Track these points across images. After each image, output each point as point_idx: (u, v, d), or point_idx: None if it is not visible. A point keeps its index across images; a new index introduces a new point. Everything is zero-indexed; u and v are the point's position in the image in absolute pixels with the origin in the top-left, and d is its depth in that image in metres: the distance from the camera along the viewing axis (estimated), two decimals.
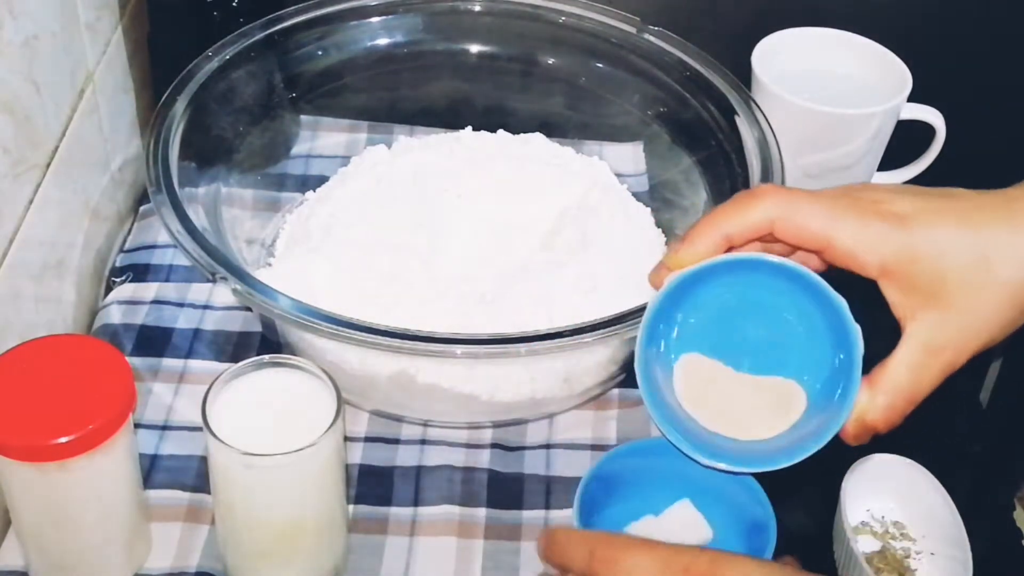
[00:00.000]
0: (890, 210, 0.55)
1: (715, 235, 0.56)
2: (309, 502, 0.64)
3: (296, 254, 0.80)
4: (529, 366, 0.73)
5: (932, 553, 0.70)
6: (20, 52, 0.72)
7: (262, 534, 0.64)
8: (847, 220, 0.55)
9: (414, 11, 0.91)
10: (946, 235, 0.54)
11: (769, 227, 0.56)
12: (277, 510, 0.63)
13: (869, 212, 0.55)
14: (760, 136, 0.79)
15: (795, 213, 0.55)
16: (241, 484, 0.62)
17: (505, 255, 0.80)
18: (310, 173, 0.91)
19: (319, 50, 0.89)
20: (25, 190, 0.74)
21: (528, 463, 0.75)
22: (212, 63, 0.82)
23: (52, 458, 0.59)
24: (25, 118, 0.73)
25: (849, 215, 0.55)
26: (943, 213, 0.55)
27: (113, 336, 0.80)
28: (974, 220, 0.54)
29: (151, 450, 0.74)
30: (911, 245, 0.54)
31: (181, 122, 0.78)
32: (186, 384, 0.78)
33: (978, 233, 0.54)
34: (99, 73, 0.85)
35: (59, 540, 0.64)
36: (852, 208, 0.55)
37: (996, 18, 0.99)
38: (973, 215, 0.54)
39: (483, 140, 0.89)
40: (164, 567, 0.69)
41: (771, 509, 0.64)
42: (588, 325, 0.67)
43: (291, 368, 0.64)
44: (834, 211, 0.55)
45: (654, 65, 0.88)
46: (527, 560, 0.70)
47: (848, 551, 0.67)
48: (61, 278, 0.80)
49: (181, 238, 0.70)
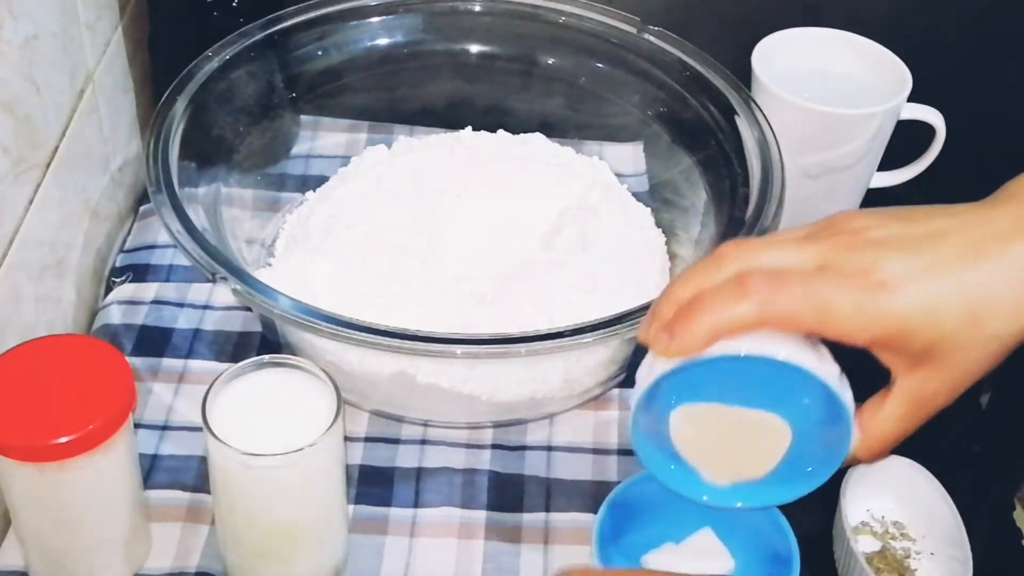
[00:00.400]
0: (879, 280, 0.53)
1: (705, 333, 0.54)
2: (309, 502, 0.64)
3: (296, 254, 0.80)
4: (529, 366, 0.73)
5: (932, 553, 0.70)
6: (20, 52, 0.72)
7: (262, 534, 0.64)
8: (837, 307, 0.53)
9: (414, 11, 0.91)
10: (938, 300, 0.53)
11: (759, 324, 0.54)
12: (277, 510, 0.63)
13: (857, 287, 0.53)
14: (760, 136, 0.79)
15: (781, 300, 0.53)
16: (241, 484, 0.62)
17: (505, 255, 0.80)
18: (310, 173, 0.91)
19: (319, 50, 0.89)
20: (25, 190, 0.74)
21: (528, 465, 0.75)
22: (212, 63, 0.82)
23: (52, 458, 0.59)
24: (25, 118, 0.73)
25: (837, 300, 0.53)
26: (934, 272, 0.53)
27: (113, 336, 0.80)
28: (966, 278, 0.53)
29: (151, 450, 0.74)
30: (903, 318, 0.53)
31: (181, 122, 0.78)
32: (186, 384, 0.78)
33: (970, 291, 0.53)
34: (99, 73, 0.85)
35: (59, 540, 0.64)
36: (840, 290, 0.53)
37: (996, 18, 0.99)
38: (965, 270, 0.53)
39: (483, 140, 0.89)
40: (164, 567, 0.69)
41: (794, 540, 0.64)
42: (588, 325, 0.67)
43: (291, 368, 0.64)
44: (821, 297, 0.53)
45: (654, 65, 0.88)
46: (527, 562, 0.70)
47: (848, 551, 0.67)
48: (61, 278, 0.80)
49: (181, 238, 0.70)
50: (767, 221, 0.73)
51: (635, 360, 0.78)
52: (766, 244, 0.56)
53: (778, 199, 0.75)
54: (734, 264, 0.55)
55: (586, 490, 0.73)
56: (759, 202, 0.75)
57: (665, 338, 0.55)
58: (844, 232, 0.55)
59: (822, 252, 0.54)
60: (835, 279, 0.53)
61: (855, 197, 0.91)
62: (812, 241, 0.55)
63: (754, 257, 0.55)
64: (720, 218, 0.79)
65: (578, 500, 0.73)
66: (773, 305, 0.53)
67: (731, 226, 0.75)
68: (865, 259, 0.54)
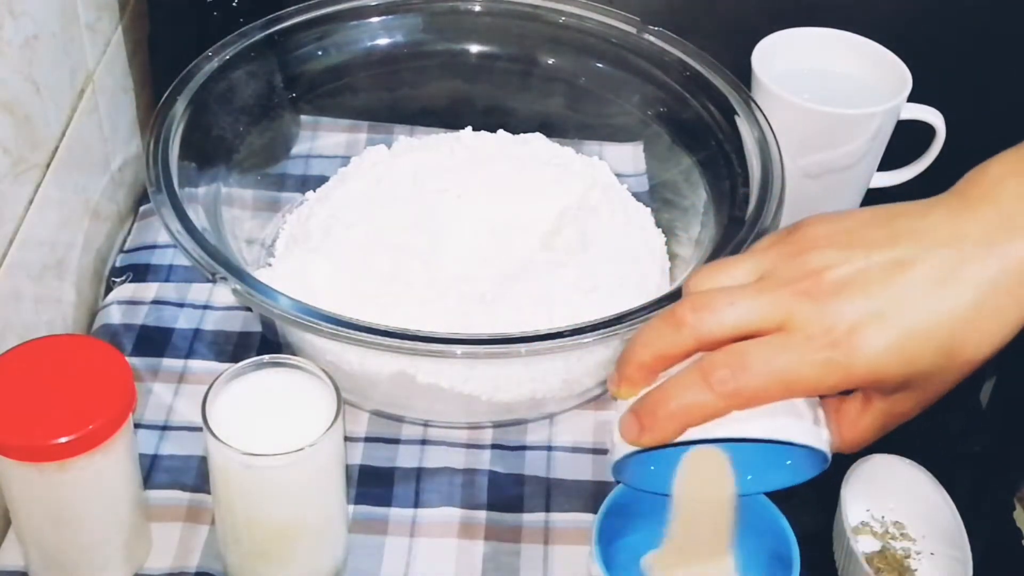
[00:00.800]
0: (843, 334, 0.51)
1: (674, 427, 0.54)
2: (309, 502, 0.64)
3: (296, 254, 0.80)
4: (529, 366, 0.73)
5: (932, 553, 0.70)
6: (20, 52, 0.72)
7: (262, 534, 0.64)
8: (803, 377, 0.52)
9: (414, 11, 0.91)
10: (909, 342, 0.52)
11: (727, 410, 0.53)
12: (277, 510, 0.63)
13: (821, 350, 0.51)
14: (760, 136, 0.79)
15: (745, 386, 0.52)
16: (241, 484, 0.62)
17: (505, 255, 0.80)
18: (310, 173, 0.91)
19: (319, 50, 0.89)
20: (25, 190, 0.74)
21: (529, 465, 0.75)
22: (212, 63, 0.82)
23: (52, 458, 0.59)
24: (25, 118, 0.73)
25: (802, 371, 0.52)
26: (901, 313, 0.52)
27: (113, 336, 0.80)
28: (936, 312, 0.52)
29: (151, 450, 0.74)
30: (874, 368, 0.52)
31: (181, 122, 0.78)
32: (186, 384, 0.78)
33: (940, 326, 0.52)
34: (99, 73, 0.85)
35: (59, 540, 0.64)
36: (804, 357, 0.52)
37: (996, 18, 0.99)
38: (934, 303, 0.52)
39: (483, 140, 0.89)
40: (164, 567, 0.69)
41: (794, 540, 0.64)
42: (588, 325, 0.67)
43: (291, 368, 0.64)
44: (786, 372, 0.52)
45: (654, 65, 0.88)
46: (527, 562, 0.70)
47: (848, 551, 0.67)
48: (61, 278, 0.80)
49: (181, 238, 0.70)
50: (767, 221, 0.73)
51: None
52: (724, 294, 0.54)
53: (778, 199, 0.75)
54: (692, 332, 0.54)
55: (586, 490, 0.73)
56: (759, 202, 0.75)
57: (636, 429, 0.55)
58: (803, 273, 0.53)
59: (780, 302, 0.53)
60: (798, 345, 0.52)
61: (855, 197, 0.91)
62: (768, 288, 0.53)
63: (712, 315, 0.53)
64: (720, 218, 0.79)
65: (578, 500, 0.73)
66: (739, 394, 0.52)
67: (731, 226, 0.75)
68: (827, 313, 0.52)
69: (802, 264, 0.54)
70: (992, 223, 0.53)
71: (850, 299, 0.52)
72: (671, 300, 0.68)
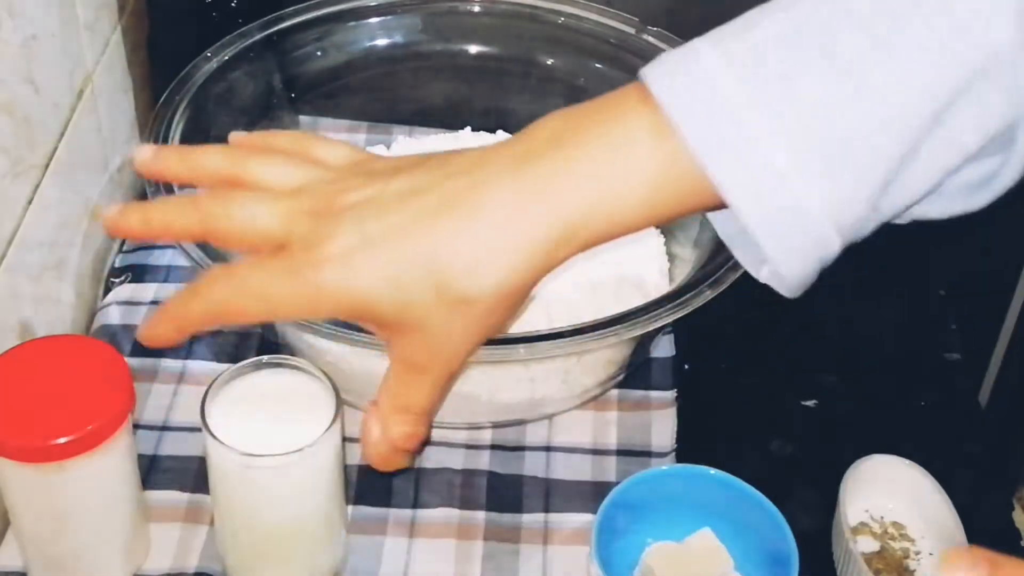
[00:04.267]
0: (324, 256, 0.50)
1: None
2: (308, 503, 0.64)
3: None
4: (529, 366, 0.73)
5: (931, 553, 0.70)
6: (19, 52, 0.72)
7: (261, 535, 0.64)
8: (276, 293, 0.51)
9: (413, 11, 0.91)
10: (399, 268, 0.49)
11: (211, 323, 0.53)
12: (277, 510, 0.63)
13: (296, 269, 0.50)
14: None
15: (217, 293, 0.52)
16: (240, 484, 0.62)
17: None
18: None
19: (318, 50, 0.89)
20: (24, 190, 0.74)
21: (528, 465, 0.75)
22: (211, 64, 0.82)
23: (51, 459, 0.59)
24: (24, 118, 0.73)
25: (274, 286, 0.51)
26: (395, 238, 0.50)
27: (112, 337, 0.80)
28: (429, 239, 0.49)
29: (150, 451, 0.74)
30: (356, 292, 0.50)
31: (180, 123, 0.78)
32: (185, 385, 0.78)
33: (431, 253, 0.49)
34: (98, 73, 0.85)
35: (58, 541, 0.64)
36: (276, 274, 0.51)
37: None
38: (429, 231, 0.49)
39: (482, 140, 0.89)
40: (163, 568, 0.68)
41: (793, 540, 0.64)
42: (588, 325, 0.67)
43: (291, 368, 0.64)
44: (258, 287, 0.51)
45: None
46: (526, 562, 0.70)
47: (847, 551, 0.67)
48: (60, 279, 0.80)
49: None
50: None
51: (635, 360, 0.78)
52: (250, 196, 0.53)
53: None
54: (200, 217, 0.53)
55: (585, 490, 0.73)
56: None
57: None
58: (328, 191, 0.52)
59: (293, 215, 0.51)
60: (281, 262, 0.51)
61: None
62: (292, 199, 0.52)
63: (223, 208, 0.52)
64: None
65: (577, 500, 0.73)
66: (224, 308, 0.52)
67: None
68: (321, 230, 0.50)
69: (336, 185, 0.52)
70: (517, 153, 0.50)
71: (345, 221, 0.50)
72: (670, 300, 0.68)
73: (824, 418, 0.80)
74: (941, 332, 0.86)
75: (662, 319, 0.68)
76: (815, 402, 0.81)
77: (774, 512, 0.65)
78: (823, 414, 0.80)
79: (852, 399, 0.81)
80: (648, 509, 0.67)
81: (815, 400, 0.81)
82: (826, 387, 0.82)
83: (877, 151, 0.47)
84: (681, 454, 0.75)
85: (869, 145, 0.47)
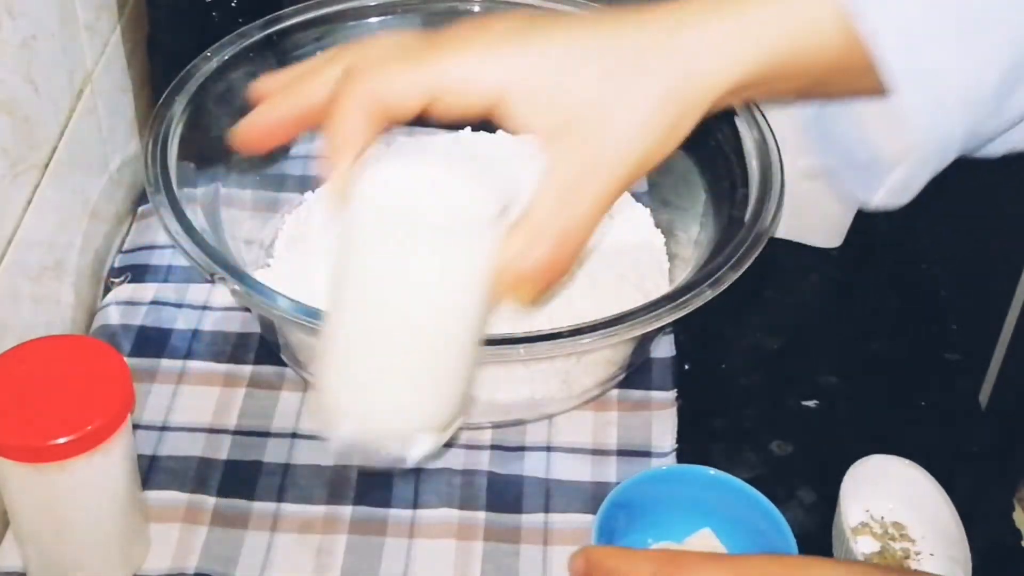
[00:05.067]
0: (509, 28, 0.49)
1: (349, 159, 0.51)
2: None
3: (295, 255, 0.80)
4: (528, 366, 0.73)
5: (931, 554, 0.70)
6: (19, 52, 0.72)
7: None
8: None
9: (413, 11, 0.91)
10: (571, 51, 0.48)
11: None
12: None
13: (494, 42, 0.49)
14: (759, 137, 0.79)
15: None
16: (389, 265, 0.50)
17: None
18: (309, 174, 0.91)
19: (318, 50, 0.89)
20: (23, 191, 0.74)
21: (527, 466, 0.75)
22: (211, 63, 0.82)
23: (51, 458, 0.59)
24: (23, 118, 0.73)
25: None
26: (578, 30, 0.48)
27: (112, 337, 0.80)
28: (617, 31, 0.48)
29: (150, 451, 0.74)
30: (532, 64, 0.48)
31: (180, 122, 0.78)
32: (185, 385, 0.78)
33: (611, 41, 0.48)
34: (98, 73, 0.85)
35: (57, 541, 0.64)
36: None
37: None
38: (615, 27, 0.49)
39: (482, 141, 0.89)
40: (163, 568, 0.68)
41: (793, 540, 0.64)
42: (588, 325, 0.67)
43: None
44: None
45: None
46: (526, 563, 0.70)
47: (847, 552, 0.67)
48: (59, 279, 0.80)
49: (180, 239, 0.70)
50: (766, 221, 0.73)
51: (635, 360, 0.78)
52: None
53: (777, 200, 0.75)
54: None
55: (585, 491, 0.73)
56: (758, 203, 0.75)
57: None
58: None
59: None
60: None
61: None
62: None
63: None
64: (719, 219, 0.79)
65: (577, 501, 0.73)
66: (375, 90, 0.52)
67: (730, 226, 0.75)
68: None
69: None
70: None
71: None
72: (670, 300, 0.68)
73: (824, 418, 0.80)
74: (941, 332, 0.86)
75: (662, 319, 0.68)
76: (815, 402, 0.81)
77: (774, 512, 0.65)
78: (823, 414, 0.80)
79: (852, 399, 0.81)
80: (648, 509, 0.67)
81: (815, 400, 0.81)
82: (826, 387, 0.82)
83: (1011, 28, 0.49)
84: (681, 454, 0.75)
85: (1003, 18, 0.49)
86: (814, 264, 0.91)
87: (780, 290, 0.89)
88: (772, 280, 0.89)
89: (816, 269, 0.91)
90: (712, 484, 0.68)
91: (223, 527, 0.71)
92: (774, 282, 0.89)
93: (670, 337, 0.82)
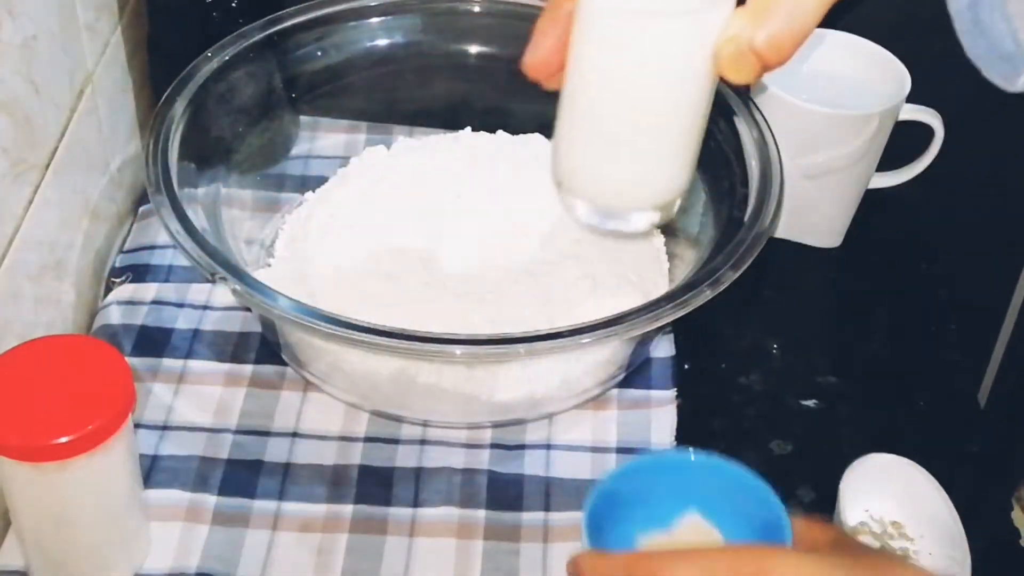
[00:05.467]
0: None
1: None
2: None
3: (296, 254, 0.80)
4: (528, 366, 0.73)
5: (930, 553, 0.70)
6: (19, 52, 0.72)
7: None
8: None
9: (413, 12, 0.91)
10: None
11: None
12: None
13: None
14: (759, 136, 0.79)
15: None
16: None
17: (505, 255, 0.80)
18: (309, 174, 0.91)
19: (318, 50, 0.89)
20: (24, 191, 0.74)
21: (528, 464, 0.75)
22: (211, 64, 0.82)
23: (52, 458, 0.59)
24: (24, 119, 0.73)
25: None
26: None
27: (112, 336, 0.80)
28: None
29: (151, 450, 0.74)
30: None
31: (180, 123, 0.78)
32: (186, 384, 0.78)
33: None
34: (98, 73, 0.85)
35: (58, 540, 0.64)
36: None
37: None
38: None
39: (482, 141, 0.89)
40: (163, 568, 0.69)
41: (782, 506, 0.64)
42: (588, 325, 0.67)
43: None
44: None
45: None
46: (526, 562, 0.70)
47: None
48: (60, 279, 0.80)
49: (180, 238, 0.70)
50: (766, 221, 0.73)
51: (635, 360, 0.78)
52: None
53: (777, 199, 0.75)
54: None
55: (585, 489, 0.73)
56: (758, 202, 0.75)
57: None
58: None
59: None
60: None
61: (853, 198, 0.91)
62: None
63: None
64: (719, 218, 0.79)
65: (577, 500, 0.73)
66: None
67: (730, 226, 0.75)
68: None
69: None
70: None
71: None
72: (670, 300, 0.68)
73: (824, 418, 0.80)
74: (940, 332, 0.86)
75: (662, 319, 0.68)
76: (815, 402, 0.81)
77: (757, 482, 0.65)
78: (823, 414, 0.80)
79: (852, 399, 0.81)
80: (633, 500, 0.67)
81: (815, 400, 0.81)
82: (826, 387, 0.82)
83: None
84: None
85: None
86: (814, 264, 0.91)
87: (780, 290, 0.90)
88: (772, 280, 0.89)
89: (816, 269, 0.91)
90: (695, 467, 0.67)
91: (224, 526, 0.71)
92: (774, 282, 0.89)
93: (670, 337, 0.82)
